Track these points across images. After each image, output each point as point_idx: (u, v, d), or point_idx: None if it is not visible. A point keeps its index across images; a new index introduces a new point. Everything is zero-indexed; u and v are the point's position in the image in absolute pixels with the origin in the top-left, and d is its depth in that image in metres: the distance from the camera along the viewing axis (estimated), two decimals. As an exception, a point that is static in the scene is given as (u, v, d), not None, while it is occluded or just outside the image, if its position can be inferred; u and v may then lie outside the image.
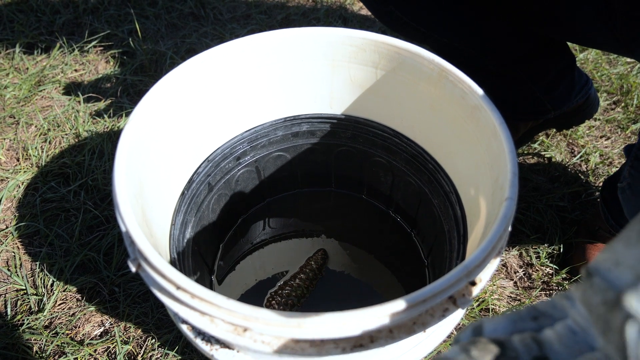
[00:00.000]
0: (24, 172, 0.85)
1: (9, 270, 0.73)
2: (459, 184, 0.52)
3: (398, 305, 0.30)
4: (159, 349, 0.66)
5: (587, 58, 1.07)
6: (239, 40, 0.51)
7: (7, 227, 0.78)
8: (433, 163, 0.55)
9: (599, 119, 0.96)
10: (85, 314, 0.69)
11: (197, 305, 0.31)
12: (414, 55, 0.50)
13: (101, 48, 1.08)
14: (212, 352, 0.40)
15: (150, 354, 0.66)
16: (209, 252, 0.62)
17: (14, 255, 0.75)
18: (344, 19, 1.16)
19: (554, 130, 0.92)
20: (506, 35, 0.70)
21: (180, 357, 0.65)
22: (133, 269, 0.35)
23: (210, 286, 0.60)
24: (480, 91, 0.44)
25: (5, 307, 0.69)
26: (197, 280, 0.52)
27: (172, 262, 0.47)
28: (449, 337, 0.64)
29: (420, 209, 0.62)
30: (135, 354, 0.66)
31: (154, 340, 0.67)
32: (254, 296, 0.62)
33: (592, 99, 0.82)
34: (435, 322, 0.33)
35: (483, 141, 0.44)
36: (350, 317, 0.30)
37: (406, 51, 0.50)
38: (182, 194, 0.53)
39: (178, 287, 0.31)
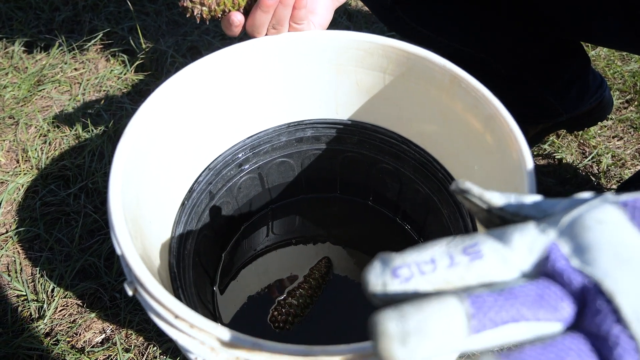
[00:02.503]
0: (24, 174, 0.84)
1: (9, 275, 0.72)
2: (470, 195, 0.50)
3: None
4: (161, 357, 0.65)
5: (599, 55, 1.04)
6: (240, 45, 0.49)
7: (7, 232, 0.77)
8: (443, 172, 0.53)
9: (612, 119, 0.93)
10: (86, 321, 0.68)
11: (197, 335, 0.29)
12: (424, 60, 0.48)
13: (101, 46, 1.06)
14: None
15: (152, 362, 0.64)
16: (210, 262, 0.60)
17: (15, 260, 0.74)
18: (348, 14, 1.13)
19: (565, 130, 0.90)
20: (518, 38, 0.68)
21: (182, 367, 0.64)
22: (130, 293, 0.33)
23: (212, 298, 0.59)
24: (495, 100, 0.42)
25: (6, 314, 0.68)
26: (198, 293, 0.51)
27: (172, 276, 0.46)
28: None
29: (428, 217, 0.60)
30: (137, 362, 0.65)
31: (155, 348, 0.65)
32: (257, 306, 0.60)
33: (606, 101, 0.80)
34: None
35: (497, 153, 0.42)
36: (358, 349, 0.28)
37: (416, 56, 0.48)
38: (183, 204, 0.51)
39: (176, 316, 0.29)
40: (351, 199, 0.70)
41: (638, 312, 0.17)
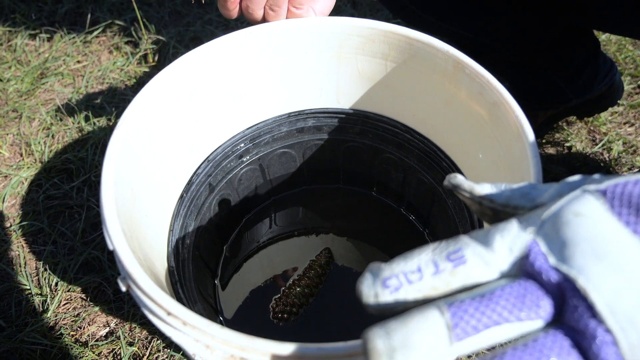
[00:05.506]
0: (27, 168, 0.83)
1: (13, 269, 0.72)
2: (475, 184, 0.48)
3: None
4: (165, 350, 0.64)
5: (610, 39, 1.02)
6: (238, 33, 0.48)
7: (10, 226, 0.77)
8: (447, 161, 0.52)
9: (623, 104, 0.91)
10: (90, 314, 0.68)
11: (190, 333, 0.29)
12: (427, 47, 0.46)
13: (104, 38, 1.06)
14: (212, 370, 0.38)
15: (155, 355, 0.64)
16: (211, 255, 0.59)
17: (18, 254, 0.74)
18: (352, 2, 1.11)
19: (575, 117, 0.87)
20: (527, 25, 0.66)
21: (186, 360, 0.64)
22: (123, 288, 0.32)
23: (213, 291, 0.58)
24: (500, 87, 0.40)
25: (10, 308, 0.68)
26: (199, 287, 0.50)
27: (170, 271, 0.45)
28: None
29: (433, 208, 0.59)
30: (141, 355, 0.64)
31: (159, 341, 0.65)
32: (260, 299, 0.59)
33: (617, 86, 0.78)
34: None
35: (503, 142, 0.41)
36: (354, 347, 0.27)
37: (418, 42, 0.47)
38: (181, 197, 0.50)
39: (169, 313, 0.29)
40: (354, 189, 0.69)
41: (612, 306, 0.18)
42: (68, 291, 0.70)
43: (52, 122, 0.90)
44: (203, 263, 0.55)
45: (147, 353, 0.64)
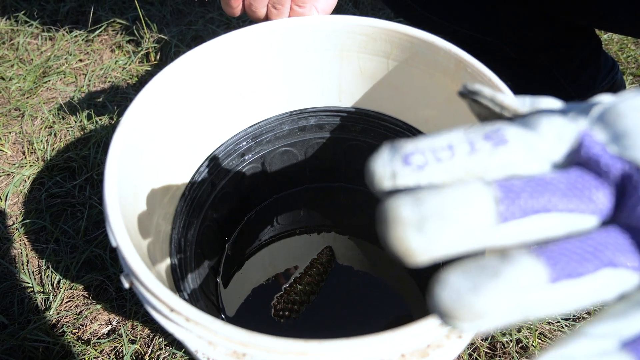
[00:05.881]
0: (30, 166, 0.84)
1: (15, 267, 0.72)
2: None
3: (411, 331, 0.28)
4: (167, 348, 0.65)
5: (612, 38, 1.02)
6: (241, 31, 0.48)
7: (13, 224, 0.77)
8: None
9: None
10: (92, 312, 0.68)
11: (193, 329, 0.29)
12: (429, 45, 0.46)
13: (106, 37, 1.06)
14: (214, 367, 0.38)
15: (157, 353, 0.64)
16: (213, 253, 0.60)
17: (21, 252, 0.74)
18: (354, 1, 1.11)
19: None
20: (529, 23, 0.66)
21: (187, 358, 0.64)
22: (126, 285, 0.32)
23: (215, 289, 0.58)
24: (502, 85, 0.41)
25: (12, 306, 0.68)
26: (201, 285, 0.50)
27: (173, 268, 0.45)
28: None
29: (435, 206, 0.59)
30: (143, 353, 0.64)
31: (161, 339, 0.65)
32: (262, 297, 0.60)
33: (619, 85, 0.78)
34: (451, 344, 0.30)
35: (504, 140, 0.41)
36: (357, 344, 0.27)
37: (420, 40, 0.47)
38: (183, 195, 0.50)
39: (172, 310, 0.29)
40: (356, 188, 0.69)
41: None
42: (70, 289, 0.70)
43: (54, 121, 0.90)
44: (205, 261, 0.55)
45: (149, 351, 0.64)
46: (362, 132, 0.60)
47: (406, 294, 0.60)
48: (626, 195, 0.16)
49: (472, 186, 0.15)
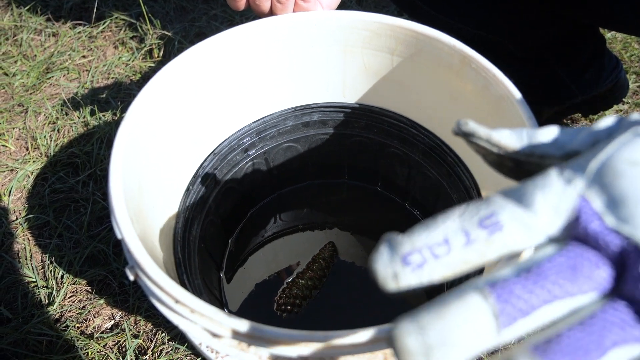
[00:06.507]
0: (33, 162, 0.84)
1: (19, 262, 0.73)
2: (481, 179, 0.48)
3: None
4: (169, 342, 0.65)
5: (616, 37, 1.01)
6: (245, 26, 0.48)
7: (17, 219, 0.78)
8: (452, 156, 0.52)
9: (628, 103, 0.90)
10: (95, 307, 0.68)
11: (198, 321, 0.29)
12: (433, 41, 0.46)
13: (109, 33, 1.06)
14: (218, 359, 0.38)
15: (160, 348, 0.64)
16: (216, 248, 0.60)
17: (24, 247, 0.74)
18: (358, -2, 1.11)
19: (579, 115, 0.87)
20: (534, 21, 0.66)
21: (190, 352, 0.64)
22: (131, 277, 0.33)
23: (218, 284, 0.59)
24: (506, 81, 0.41)
25: (16, 300, 0.69)
26: (204, 279, 0.50)
27: (177, 262, 0.45)
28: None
29: (438, 203, 0.59)
30: (146, 347, 0.65)
31: (164, 334, 0.65)
32: (265, 293, 0.60)
33: (622, 83, 0.78)
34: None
35: (508, 135, 0.41)
36: (360, 335, 0.27)
37: (425, 36, 0.47)
38: (187, 189, 0.50)
39: (177, 301, 0.29)
40: (359, 184, 0.69)
41: None
42: (74, 284, 0.70)
43: (57, 117, 0.90)
44: (208, 256, 0.56)
45: (152, 345, 0.64)
46: (366, 128, 0.60)
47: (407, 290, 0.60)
48: (626, 270, 0.16)
49: (470, 303, 0.16)
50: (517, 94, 0.40)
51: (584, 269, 0.16)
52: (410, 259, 0.17)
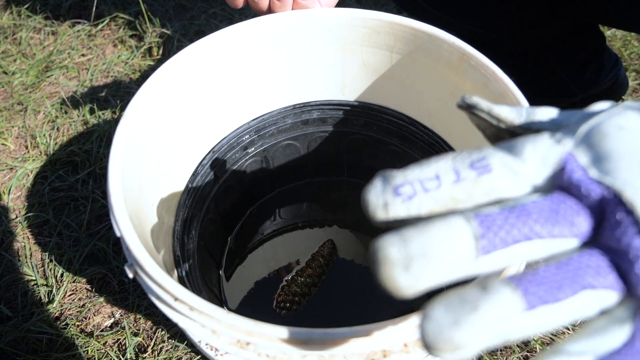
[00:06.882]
0: (33, 160, 0.84)
1: (19, 260, 0.73)
2: (480, 176, 0.48)
3: (414, 320, 0.28)
4: (169, 340, 0.65)
5: (615, 35, 1.01)
6: (243, 24, 0.48)
7: (16, 217, 0.78)
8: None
9: (627, 100, 0.90)
10: (95, 305, 0.69)
11: (197, 318, 0.29)
12: (433, 38, 0.46)
13: (108, 31, 1.06)
14: (217, 357, 0.38)
15: (160, 345, 0.65)
16: (216, 246, 0.60)
17: (24, 245, 0.74)
18: (357, -4, 1.11)
19: (580, 112, 0.87)
20: (533, 19, 0.66)
21: (189, 350, 0.64)
22: (130, 275, 0.33)
23: (217, 282, 0.59)
24: (505, 78, 0.41)
25: (16, 299, 0.69)
26: (204, 277, 0.50)
27: (176, 260, 0.45)
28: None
29: (437, 200, 0.59)
30: (146, 345, 0.65)
31: (163, 332, 0.66)
32: (264, 290, 0.60)
33: (622, 81, 0.78)
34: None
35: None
36: (360, 333, 0.27)
37: (424, 33, 0.47)
38: (187, 187, 0.50)
39: (176, 299, 0.29)
40: (359, 182, 0.69)
41: None
42: (73, 282, 0.70)
43: (57, 115, 0.90)
44: (208, 253, 0.56)
45: (152, 343, 0.64)
46: (365, 125, 0.60)
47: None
48: (605, 218, 0.17)
49: (453, 223, 0.16)
50: (517, 91, 0.40)
51: (566, 214, 0.17)
52: (401, 190, 0.18)
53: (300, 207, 0.68)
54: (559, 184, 0.18)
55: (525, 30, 0.67)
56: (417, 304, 0.58)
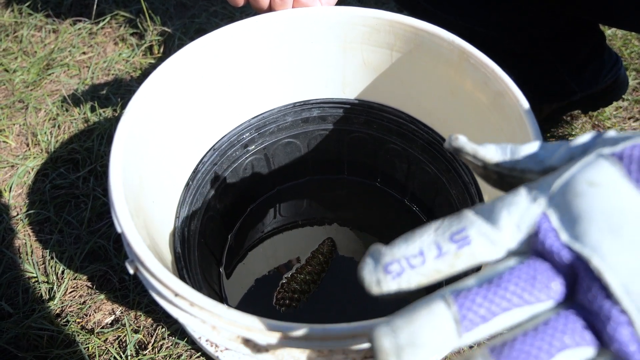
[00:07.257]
0: (34, 158, 0.84)
1: (20, 257, 0.73)
2: (479, 174, 0.49)
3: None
4: (170, 337, 0.65)
5: (616, 34, 1.01)
6: (244, 22, 0.48)
7: (17, 215, 0.78)
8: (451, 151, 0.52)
9: (627, 99, 0.90)
10: (95, 302, 0.69)
11: (197, 314, 0.29)
12: (433, 36, 0.46)
13: (109, 29, 1.06)
14: (217, 353, 0.38)
15: (160, 342, 0.65)
16: (216, 243, 0.60)
17: (25, 243, 0.75)
18: (358, -5, 1.11)
19: (579, 111, 0.87)
20: (534, 18, 0.66)
21: (190, 347, 0.64)
22: (131, 271, 0.33)
23: (218, 279, 0.59)
24: (505, 76, 0.41)
25: (17, 296, 0.69)
26: (204, 274, 0.50)
27: (177, 257, 0.46)
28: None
29: (437, 198, 0.59)
30: (146, 342, 0.65)
31: (164, 329, 0.66)
32: (264, 288, 0.60)
33: (622, 80, 0.78)
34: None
35: (507, 131, 0.41)
36: (359, 328, 0.27)
37: (424, 32, 0.47)
38: (187, 185, 0.51)
39: (176, 294, 0.29)
40: (359, 180, 0.69)
41: (628, 286, 0.17)
42: (74, 279, 0.71)
43: (58, 113, 0.90)
44: (208, 251, 0.56)
45: (152, 340, 0.65)
46: (365, 124, 0.60)
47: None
48: (577, 282, 0.18)
49: (435, 310, 0.18)
50: (516, 90, 0.40)
51: (542, 280, 0.19)
52: (391, 269, 0.20)
53: (300, 205, 0.69)
54: (534, 248, 0.20)
55: (525, 29, 0.67)
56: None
